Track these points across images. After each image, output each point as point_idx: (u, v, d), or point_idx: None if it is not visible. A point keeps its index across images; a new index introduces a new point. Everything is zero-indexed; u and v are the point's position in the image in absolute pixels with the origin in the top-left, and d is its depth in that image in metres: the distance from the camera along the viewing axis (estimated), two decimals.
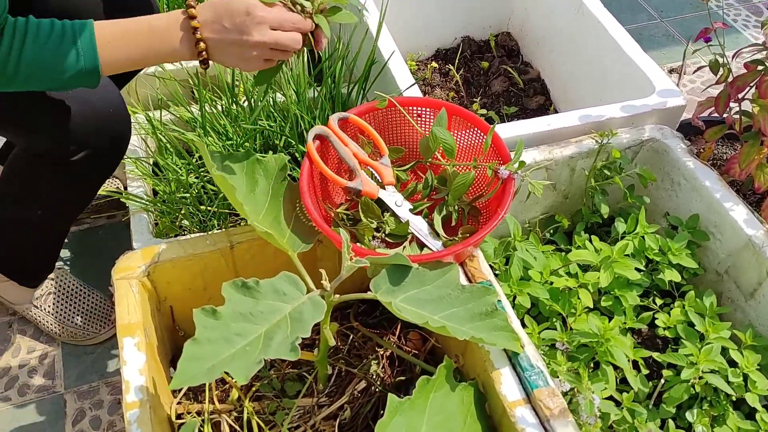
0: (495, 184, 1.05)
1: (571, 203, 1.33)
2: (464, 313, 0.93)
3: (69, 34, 0.87)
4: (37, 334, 1.40)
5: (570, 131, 1.26)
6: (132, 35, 0.90)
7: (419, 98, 1.14)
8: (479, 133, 1.10)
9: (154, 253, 1.04)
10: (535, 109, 1.76)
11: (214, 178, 0.97)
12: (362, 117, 1.11)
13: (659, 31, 2.30)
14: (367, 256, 0.92)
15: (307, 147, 1.05)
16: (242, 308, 0.84)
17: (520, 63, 1.88)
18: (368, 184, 1.05)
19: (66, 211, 1.25)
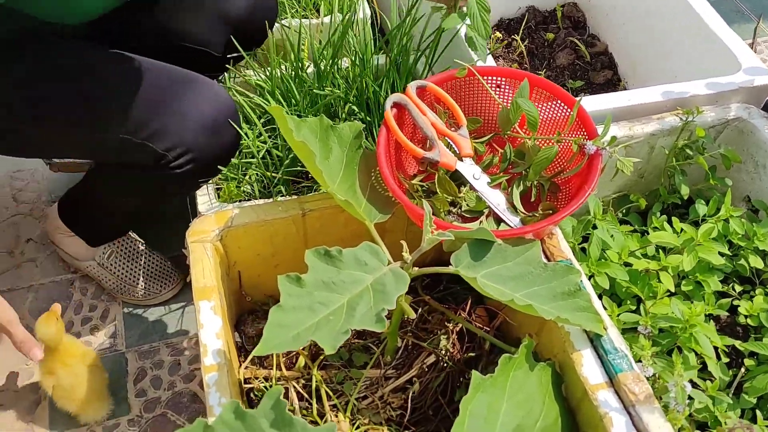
0: (578, 160, 1.01)
1: (646, 182, 1.28)
2: (546, 291, 0.90)
3: None
4: (98, 293, 1.41)
5: (651, 107, 1.21)
6: None
7: (499, 68, 1.10)
8: (562, 106, 1.06)
9: (228, 218, 1.03)
10: (602, 83, 1.70)
11: (293, 144, 0.95)
12: (440, 85, 1.08)
13: (729, 7, 2.21)
14: (450, 229, 0.89)
15: (385, 115, 1.02)
16: (325, 277, 0.82)
17: (586, 35, 1.81)
18: (446, 155, 1.02)
19: (161, 202, 1.26)
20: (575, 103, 1.02)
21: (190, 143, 1.07)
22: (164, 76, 1.09)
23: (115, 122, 1.05)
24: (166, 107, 1.06)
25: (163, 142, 1.05)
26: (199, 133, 1.07)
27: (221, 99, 1.10)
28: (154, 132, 1.05)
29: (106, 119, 1.05)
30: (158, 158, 1.06)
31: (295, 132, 0.97)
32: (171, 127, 1.05)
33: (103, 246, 1.36)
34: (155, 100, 1.06)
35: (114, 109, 1.05)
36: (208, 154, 1.10)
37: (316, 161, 0.94)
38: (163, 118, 1.05)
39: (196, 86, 1.09)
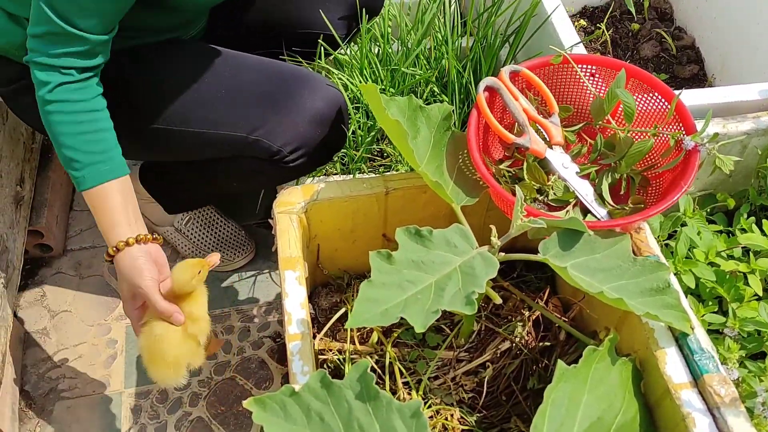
0: (673, 155, 0.99)
1: (733, 182, 1.25)
2: (634, 286, 0.89)
3: (97, 160, 0.96)
4: (174, 256, 1.45)
5: (747, 105, 1.18)
6: (97, 212, 1.00)
7: (595, 56, 1.07)
8: (658, 98, 1.03)
9: (314, 191, 1.04)
10: (687, 78, 1.65)
11: (385, 123, 0.95)
12: (533, 71, 1.06)
13: None
14: (541, 216, 0.89)
15: (477, 98, 1.01)
16: (414, 256, 0.83)
17: (673, 28, 1.76)
18: (536, 141, 1.01)
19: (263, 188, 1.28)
20: (674, 96, 1.00)
21: (304, 139, 1.10)
22: (277, 75, 1.12)
23: (232, 122, 1.08)
24: (281, 105, 1.09)
25: (278, 139, 1.08)
26: (313, 128, 1.10)
27: (332, 94, 1.12)
28: (269, 130, 1.08)
29: (223, 120, 1.09)
30: (272, 154, 1.09)
31: (388, 111, 0.97)
32: (286, 124, 1.08)
33: (181, 213, 1.40)
34: (270, 99, 1.09)
35: (231, 110, 1.08)
36: (320, 148, 1.13)
37: (409, 141, 0.94)
38: (278, 116, 1.08)
39: (308, 83, 1.11)
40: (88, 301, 1.38)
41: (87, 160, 0.95)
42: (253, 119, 1.08)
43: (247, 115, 1.08)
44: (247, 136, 1.08)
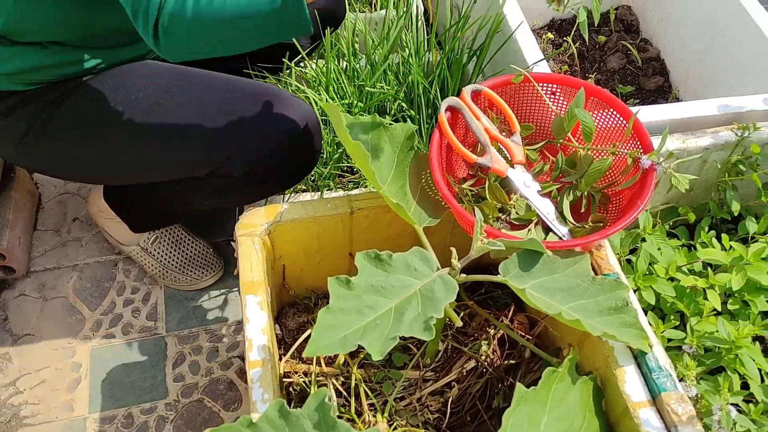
0: (631, 173, 1.00)
1: (694, 196, 1.27)
2: (593, 305, 0.89)
3: None
4: (141, 276, 1.44)
5: (706, 120, 1.19)
6: None
7: (556, 75, 1.08)
8: (617, 116, 1.04)
9: (277, 212, 1.04)
10: (652, 89, 1.67)
11: (347, 144, 0.95)
12: (494, 90, 1.07)
13: None
14: (500, 238, 0.89)
15: (439, 118, 1.02)
16: (374, 280, 0.83)
17: (639, 40, 1.78)
18: (498, 161, 1.01)
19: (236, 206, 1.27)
20: (631, 114, 1.01)
21: (277, 156, 1.09)
22: (248, 93, 1.11)
23: (203, 142, 1.08)
24: (253, 123, 1.08)
25: (251, 156, 1.08)
26: (285, 145, 1.10)
27: (304, 110, 1.12)
28: (242, 148, 1.08)
29: (194, 140, 1.08)
30: (245, 172, 1.09)
31: (349, 132, 0.97)
32: (258, 142, 1.08)
33: (148, 232, 1.39)
34: (241, 117, 1.08)
35: (202, 130, 1.08)
36: (293, 165, 1.13)
37: (370, 163, 0.94)
38: (250, 134, 1.08)
39: (279, 100, 1.11)
40: (53, 324, 1.36)
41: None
42: (225, 138, 1.08)
43: (218, 134, 1.08)
44: (219, 155, 1.08)
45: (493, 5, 1.37)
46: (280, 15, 0.90)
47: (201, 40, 0.91)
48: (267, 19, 0.90)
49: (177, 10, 0.87)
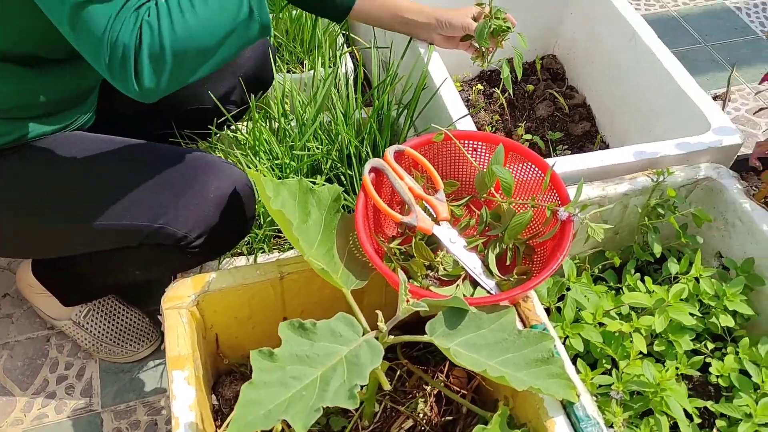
0: (552, 224, 1.03)
1: (620, 239, 1.31)
2: (520, 359, 0.91)
3: None
4: (74, 350, 1.40)
5: (623, 167, 1.24)
6: None
7: (476, 132, 1.12)
8: (536, 168, 1.08)
9: (204, 282, 1.03)
10: (580, 135, 1.73)
11: (270, 211, 0.96)
12: (418, 149, 1.10)
13: (703, 56, 2.26)
14: (424, 298, 0.90)
15: (362, 180, 1.03)
16: (299, 350, 0.83)
17: (565, 87, 1.85)
18: (423, 219, 1.03)
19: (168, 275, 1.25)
20: (548, 167, 1.04)
21: (210, 223, 1.08)
22: (178, 160, 1.11)
23: (134, 212, 1.07)
24: (184, 191, 1.07)
25: (183, 225, 1.07)
26: (218, 212, 1.09)
27: (236, 176, 1.12)
28: (173, 216, 1.06)
29: (124, 210, 1.07)
30: (177, 241, 1.07)
31: (273, 198, 0.98)
32: (190, 209, 1.07)
33: (80, 305, 1.36)
34: (172, 185, 1.08)
35: (132, 200, 1.07)
36: (226, 233, 1.12)
37: (293, 229, 0.95)
38: (182, 202, 1.07)
39: (211, 166, 1.11)
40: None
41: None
42: (156, 207, 1.07)
43: (149, 203, 1.07)
44: (150, 224, 1.07)
45: (419, 62, 1.41)
46: (248, 23, 0.91)
47: (181, 66, 0.89)
48: (236, 28, 0.91)
49: (155, 41, 0.85)
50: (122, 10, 0.85)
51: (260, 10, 0.92)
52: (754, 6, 2.47)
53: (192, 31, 0.87)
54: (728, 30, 2.36)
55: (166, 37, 0.85)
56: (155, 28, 0.85)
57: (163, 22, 0.86)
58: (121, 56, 0.85)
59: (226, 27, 0.89)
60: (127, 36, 0.84)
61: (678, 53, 2.25)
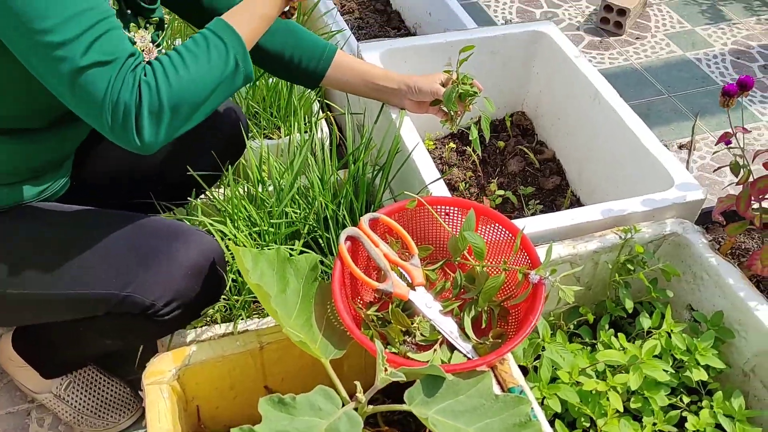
0: (524, 287, 1.06)
1: (593, 294, 1.34)
2: (498, 424, 0.92)
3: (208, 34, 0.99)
4: (55, 423, 1.39)
5: (593, 225, 1.28)
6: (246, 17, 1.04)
7: (447, 198, 1.16)
8: (507, 232, 1.11)
9: (185, 356, 1.04)
10: (551, 189, 1.78)
11: (249, 284, 0.98)
12: (391, 216, 1.13)
13: (667, 107, 2.35)
14: (402, 367, 0.92)
15: (338, 248, 1.06)
16: (279, 426, 0.84)
17: (535, 143, 1.91)
18: (399, 286, 1.06)
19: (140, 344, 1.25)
20: (518, 231, 1.08)
21: (178, 291, 1.09)
22: (148, 228, 1.12)
23: (101, 281, 1.07)
24: (153, 259, 1.08)
25: (151, 293, 1.07)
26: (187, 280, 1.09)
27: (207, 244, 1.13)
28: (141, 285, 1.07)
29: (92, 279, 1.07)
30: (145, 309, 1.07)
31: (252, 270, 1.00)
32: (158, 277, 1.07)
33: (60, 377, 1.35)
34: (141, 253, 1.08)
35: (100, 269, 1.07)
36: (195, 300, 1.12)
37: (271, 301, 0.97)
38: (150, 270, 1.07)
39: (181, 234, 1.12)
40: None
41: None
42: (124, 275, 1.07)
43: (117, 272, 1.07)
44: (118, 292, 1.07)
45: (392, 127, 1.45)
46: (235, 74, 1.00)
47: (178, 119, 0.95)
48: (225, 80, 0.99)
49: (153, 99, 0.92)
50: (120, 72, 0.91)
51: (245, 63, 1.01)
52: (714, 57, 2.58)
53: (186, 87, 0.94)
54: (689, 81, 2.46)
55: (163, 93, 0.92)
56: (153, 86, 0.92)
57: (159, 80, 0.92)
58: (122, 116, 0.90)
59: (216, 80, 0.97)
60: (127, 96, 0.90)
61: (643, 104, 2.35)
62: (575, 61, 1.66)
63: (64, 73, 0.88)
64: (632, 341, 1.20)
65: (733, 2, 2.87)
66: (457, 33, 1.75)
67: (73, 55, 0.87)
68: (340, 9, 2.45)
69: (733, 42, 2.65)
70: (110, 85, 0.89)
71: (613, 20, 2.64)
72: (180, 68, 0.94)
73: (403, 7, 2.43)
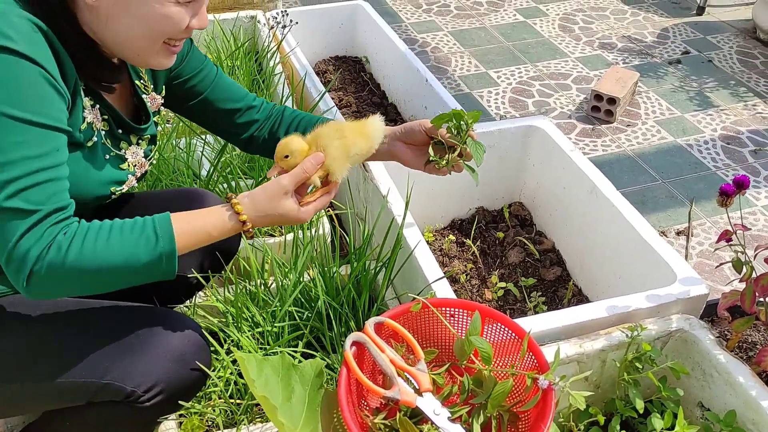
0: (534, 392, 1.04)
1: (603, 393, 1.32)
2: None
3: (148, 222, 0.99)
4: None
5: (598, 323, 1.28)
6: (194, 229, 1.03)
7: (453, 300, 1.15)
8: (512, 333, 1.11)
9: None
10: (552, 280, 1.78)
11: (256, 395, 0.96)
12: (396, 319, 1.12)
13: (662, 193, 2.38)
14: None
15: (344, 355, 1.05)
16: None
17: (534, 233, 1.93)
18: (406, 393, 1.04)
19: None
20: (525, 333, 1.07)
21: (159, 377, 1.08)
22: (130, 315, 1.13)
23: (81, 369, 1.06)
24: (133, 345, 1.08)
25: (131, 379, 1.06)
26: (169, 366, 1.09)
27: (189, 331, 1.13)
28: (121, 371, 1.06)
29: (72, 367, 1.06)
30: (126, 396, 1.06)
31: (257, 379, 0.98)
32: (139, 364, 1.07)
33: None
34: (122, 340, 1.08)
35: (80, 357, 1.06)
36: (178, 386, 1.11)
37: (278, 414, 0.95)
38: (131, 357, 1.07)
39: (163, 321, 1.12)
40: None
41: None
42: (105, 362, 1.06)
43: (97, 359, 1.06)
44: (98, 380, 1.05)
45: (393, 225, 1.46)
46: (153, 268, 0.98)
47: (74, 286, 0.95)
48: (139, 270, 0.97)
49: (58, 261, 0.91)
50: (39, 225, 0.91)
51: (168, 264, 0.99)
52: (704, 143, 2.64)
53: (96, 257, 0.94)
54: (683, 166, 2.51)
55: (71, 256, 0.92)
56: (64, 248, 0.92)
57: (74, 243, 0.93)
58: (20, 263, 0.90)
59: (130, 262, 0.96)
60: (35, 251, 0.90)
61: (638, 191, 2.38)
62: (570, 155, 1.70)
63: None
64: None
65: (719, 89, 2.97)
66: None
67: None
68: (337, 103, 2.53)
69: (723, 128, 2.72)
70: (22, 236, 0.90)
71: (604, 108, 2.71)
72: (101, 239, 0.94)
73: (399, 101, 2.51)
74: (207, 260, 1.38)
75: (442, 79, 2.97)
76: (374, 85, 2.67)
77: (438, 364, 1.15)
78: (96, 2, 0.96)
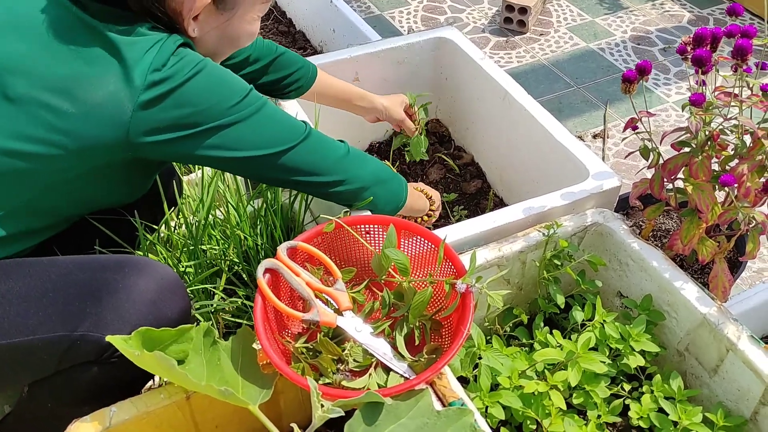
0: (453, 297, 1.03)
1: (525, 294, 1.33)
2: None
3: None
4: None
5: (516, 225, 1.28)
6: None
7: (366, 216, 1.12)
8: (430, 243, 1.09)
9: (106, 417, 0.97)
10: (474, 193, 1.78)
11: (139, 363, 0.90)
12: (310, 242, 1.09)
13: (577, 98, 2.40)
14: (338, 399, 0.88)
15: (258, 283, 1.01)
16: None
17: (453, 149, 1.91)
18: (325, 313, 1.02)
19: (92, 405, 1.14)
20: (440, 241, 1.06)
21: (137, 325, 0.96)
22: (96, 263, 1.03)
23: (48, 324, 0.96)
24: (105, 293, 0.98)
25: (107, 329, 0.96)
26: (144, 313, 1.00)
27: (161, 272, 1.04)
28: (95, 321, 0.96)
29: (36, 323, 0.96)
30: (103, 350, 0.97)
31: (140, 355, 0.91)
32: (114, 312, 0.97)
33: None
34: (92, 289, 0.98)
35: (45, 310, 0.97)
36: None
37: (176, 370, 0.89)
38: (104, 305, 0.97)
39: (134, 265, 1.03)
40: None
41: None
42: (75, 314, 0.96)
43: (66, 311, 0.96)
44: (69, 333, 0.96)
45: None
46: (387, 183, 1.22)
47: None
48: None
49: None
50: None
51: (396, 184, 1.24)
52: (615, 45, 2.66)
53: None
54: (596, 71, 2.53)
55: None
56: None
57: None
58: None
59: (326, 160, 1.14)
60: None
61: (555, 98, 2.39)
62: (481, 64, 1.66)
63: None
64: (569, 336, 1.19)
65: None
66: (361, 47, 1.73)
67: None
68: None
69: (633, 29, 2.74)
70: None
71: (516, 19, 2.68)
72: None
73: (306, 27, 2.41)
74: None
75: (350, 1, 2.86)
76: (279, 12, 2.55)
77: (358, 282, 1.12)
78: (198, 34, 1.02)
